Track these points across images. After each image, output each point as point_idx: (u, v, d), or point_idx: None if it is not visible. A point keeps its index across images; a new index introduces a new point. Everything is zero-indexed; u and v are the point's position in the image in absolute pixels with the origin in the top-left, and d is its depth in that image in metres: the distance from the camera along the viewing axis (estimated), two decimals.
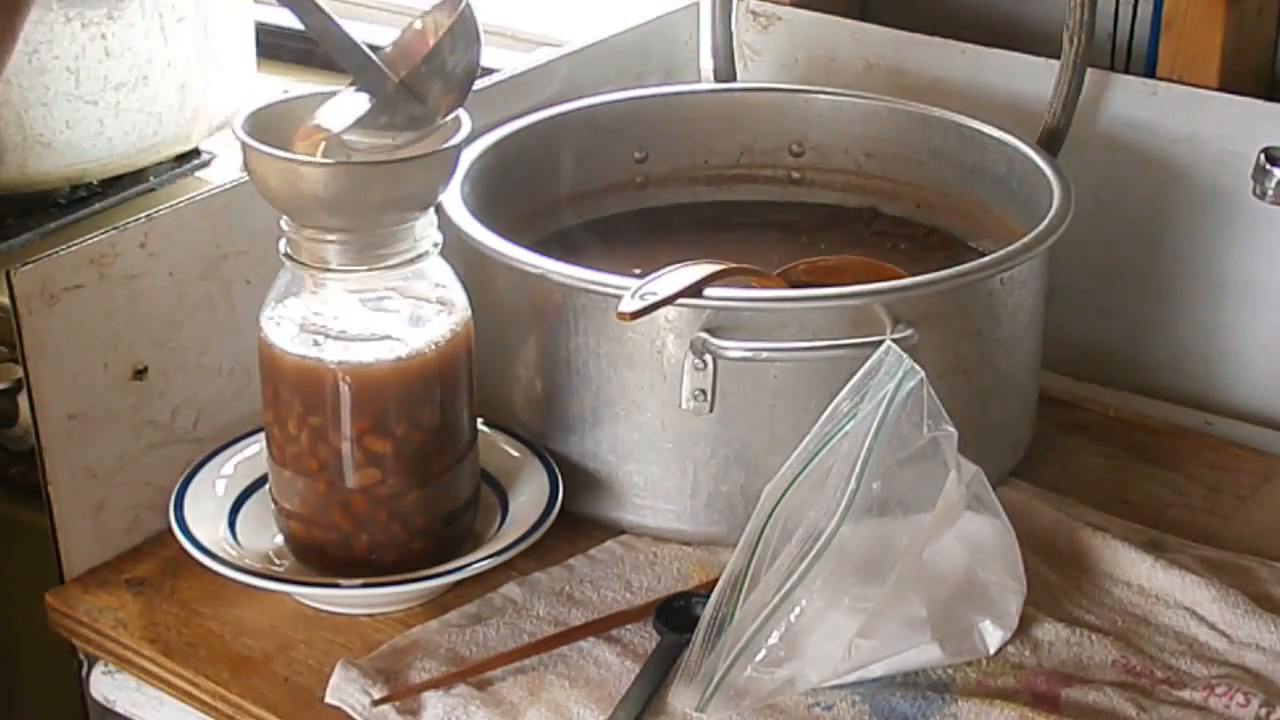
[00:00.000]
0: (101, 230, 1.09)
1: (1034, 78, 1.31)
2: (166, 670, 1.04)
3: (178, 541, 1.06)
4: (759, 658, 0.97)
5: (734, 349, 1.05)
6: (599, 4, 1.68)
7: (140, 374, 1.12)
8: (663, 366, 1.07)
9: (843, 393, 0.98)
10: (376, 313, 1.04)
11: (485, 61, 1.04)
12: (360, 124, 1.00)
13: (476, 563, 1.05)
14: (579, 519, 1.12)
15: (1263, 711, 0.95)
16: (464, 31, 1.01)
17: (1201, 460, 1.23)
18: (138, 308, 1.10)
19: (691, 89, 1.42)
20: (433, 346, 1.04)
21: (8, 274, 1.04)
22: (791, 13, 1.45)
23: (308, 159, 1.00)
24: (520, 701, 0.98)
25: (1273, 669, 1.00)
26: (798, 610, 0.96)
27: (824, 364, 1.05)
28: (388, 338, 1.03)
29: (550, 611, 1.05)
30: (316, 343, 1.02)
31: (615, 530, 1.13)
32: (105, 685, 1.10)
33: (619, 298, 1.03)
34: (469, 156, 1.21)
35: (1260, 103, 1.24)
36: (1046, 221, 1.14)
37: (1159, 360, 1.34)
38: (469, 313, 1.06)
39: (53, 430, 1.08)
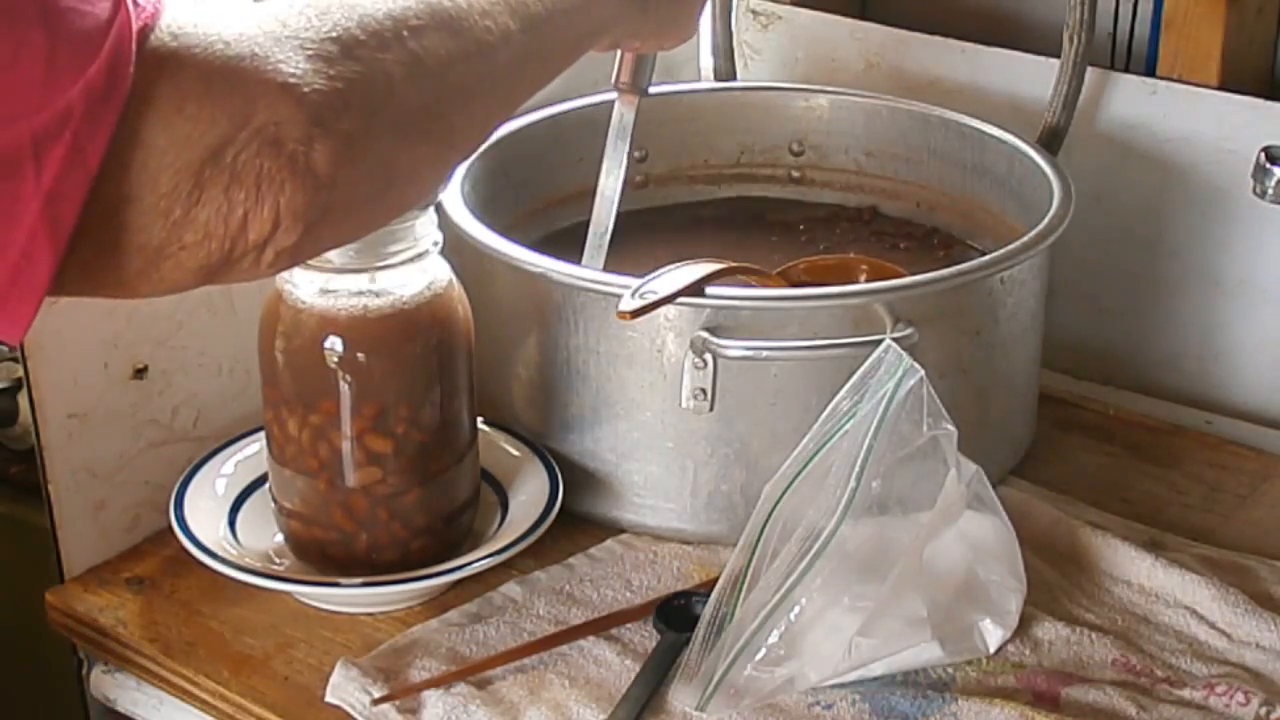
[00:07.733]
0: None
1: (1034, 77, 1.31)
2: (166, 669, 1.04)
3: (178, 540, 1.06)
4: (759, 657, 0.97)
5: (734, 348, 1.05)
6: None
7: (140, 373, 1.11)
8: (663, 365, 1.07)
9: (843, 391, 0.98)
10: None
11: None
12: None
13: (476, 562, 1.05)
14: (579, 518, 1.12)
15: (1263, 710, 0.95)
16: None
17: (1201, 459, 1.22)
18: (138, 307, 1.10)
19: (691, 88, 1.42)
20: (430, 289, 1.03)
21: None
22: (791, 12, 1.45)
23: None
24: (520, 700, 0.98)
25: (1273, 668, 1.00)
26: (797, 609, 0.96)
27: (824, 363, 1.05)
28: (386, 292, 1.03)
29: (550, 610, 1.05)
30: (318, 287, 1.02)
31: (615, 529, 1.13)
32: (105, 684, 1.10)
33: (619, 297, 1.03)
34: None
35: (1260, 102, 1.24)
36: (1046, 221, 1.14)
37: (1158, 359, 1.34)
38: (465, 297, 1.06)
39: (53, 429, 1.08)
